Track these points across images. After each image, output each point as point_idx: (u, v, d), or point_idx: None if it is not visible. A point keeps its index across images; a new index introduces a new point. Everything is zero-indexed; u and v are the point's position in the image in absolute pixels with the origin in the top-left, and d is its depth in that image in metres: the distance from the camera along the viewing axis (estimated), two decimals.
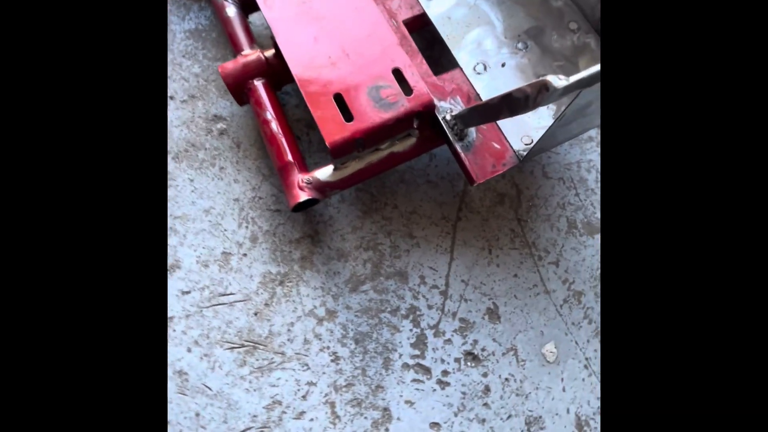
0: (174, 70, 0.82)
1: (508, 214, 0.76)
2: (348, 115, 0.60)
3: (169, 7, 0.86)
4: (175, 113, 0.80)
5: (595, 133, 0.82)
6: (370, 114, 0.59)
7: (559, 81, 0.38)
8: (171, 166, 0.77)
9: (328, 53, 0.63)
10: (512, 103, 0.44)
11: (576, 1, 0.71)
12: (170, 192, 0.76)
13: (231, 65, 0.69)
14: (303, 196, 0.63)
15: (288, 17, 0.65)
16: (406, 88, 0.61)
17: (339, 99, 0.60)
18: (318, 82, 0.61)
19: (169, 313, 0.70)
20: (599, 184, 0.79)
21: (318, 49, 0.63)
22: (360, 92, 0.60)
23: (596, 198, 0.78)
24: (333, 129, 0.59)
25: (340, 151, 0.60)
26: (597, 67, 0.38)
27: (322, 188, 0.65)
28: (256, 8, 0.78)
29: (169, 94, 0.81)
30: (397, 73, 0.62)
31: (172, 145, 0.78)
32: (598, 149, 0.81)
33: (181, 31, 0.85)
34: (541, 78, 0.39)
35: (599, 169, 0.79)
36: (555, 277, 0.74)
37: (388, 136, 0.63)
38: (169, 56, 0.83)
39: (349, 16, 0.65)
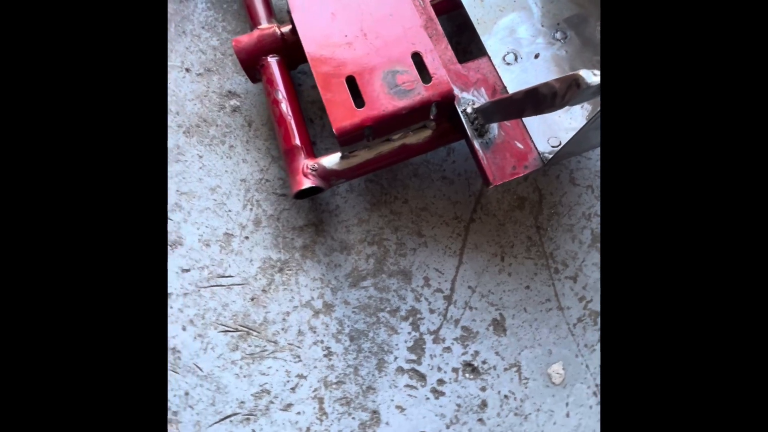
0: (192, 41, 0.80)
1: (527, 221, 0.70)
2: (359, 101, 0.55)
3: None
4: (189, 86, 0.78)
5: None
6: (382, 101, 0.55)
7: (593, 77, 0.32)
8: (181, 140, 0.76)
9: (345, 32, 0.58)
10: (538, 100, 0.39)
11: None
12: (178, 167, 0.74)
13: (245, 39, 0.66)
14: (306, 184, 0.60)
15: None
16: (425, 76, 0.56)
17: (351, 82, 0.56)
18: (331, 62, 0.57)
19: (168, 289, 0.70)
20: None
21: (334, 27, 0.59)
22: (374, 76, 0.56)
23: None
24: (341, 114, 0.55)
25: (347, 138, 0.56)
26: None
27: (327, 176, 0.61)
28: None
29: (185, 66, 0.79)
30: (417, 58, 0.57)
31: (184, 119, 0.76)
32: None
33: (202, 1, 0.82)
34: (572, 72, 0.33)
35: None
36: (571, 294, 0.68)
37: (400, 126, 0.58)
38: (189, 27, 0.81)
39: None
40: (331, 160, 0.61)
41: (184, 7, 0.82)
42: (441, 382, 0.65)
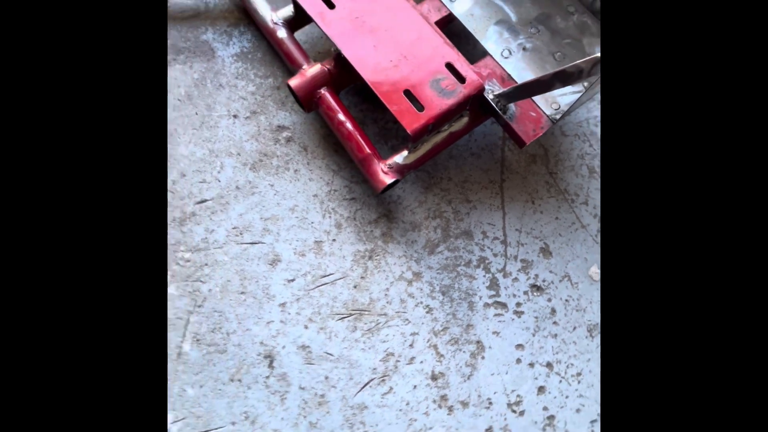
0: (231, 91, 0.92)
1: (541, 170, 0.92)
2: (419, 106, 0.73)
3: (212, 36, 0.95)
4: (242, 129, 0.90)
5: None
6: (437, 102, 0.73)
7: None
8: (250, 176, 0.87)
9: (389, 58, 0.75)
10: (566, 77, 0.59)
11: None
12: (255, 198, 0.86)
13: (299, 79, 0.80)
14: (389, 180, 0.76)
15: (346, 32, 0.77)
16: (460, 78, 0.75)
17: (408, 94, 0.73)
18: (387, 82, 0.74)
19: (281, 300, 0.81)
20: None
21: (380, 56, 0.75)
22: (424, 86, 0.74)
23: None
24: (411, 119, 0.72)
25: (418, 136, 0.73)
26: None
27: (402, 170, 0.78)
28: (299, 26, 0.89)
29: (232, 114, 0.90)
30: (450, 67, 0.75)
31: (246, 157, 0.88)
32: (599, 106, 0.98)
33: (228, 56, 0.94)
34: (594, 56, 0.54)
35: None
36: (587, 214, 0.91)
37: (450, 118, 0.76)
38: (224, 80, 0.92)
39: (397, 25, 0.78)
40: (401, 156, 0.78)
41: (213, 64, 0.93)
42: (518, 304, 0.85)
